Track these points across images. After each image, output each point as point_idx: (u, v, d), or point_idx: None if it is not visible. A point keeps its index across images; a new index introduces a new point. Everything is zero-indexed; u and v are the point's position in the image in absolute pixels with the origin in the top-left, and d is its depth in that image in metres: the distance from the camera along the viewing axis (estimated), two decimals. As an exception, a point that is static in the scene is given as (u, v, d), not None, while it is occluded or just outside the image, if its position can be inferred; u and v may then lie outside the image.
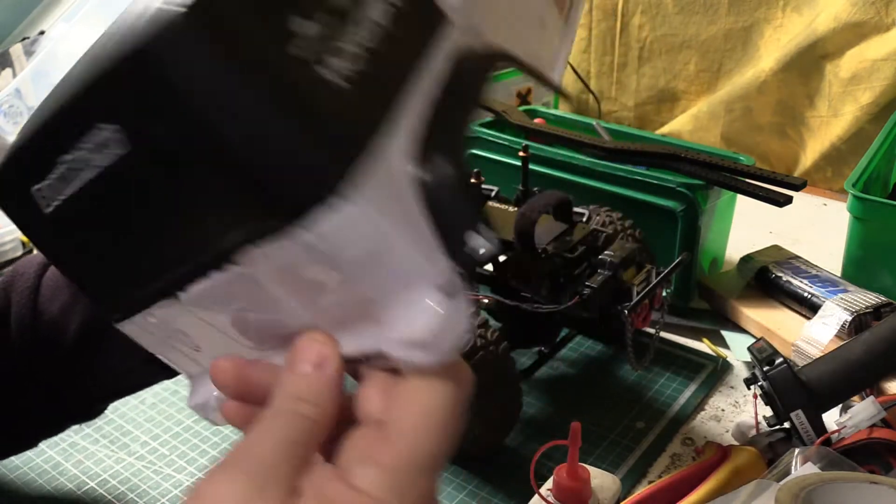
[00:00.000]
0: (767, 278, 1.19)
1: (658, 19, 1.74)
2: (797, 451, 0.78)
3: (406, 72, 0.38)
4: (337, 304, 0.38)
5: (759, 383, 0.88)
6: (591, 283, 0.94)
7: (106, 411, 1.06)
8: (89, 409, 0.83)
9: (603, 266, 0.95)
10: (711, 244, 1.24)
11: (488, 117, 1.41)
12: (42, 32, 1.59)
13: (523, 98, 1.69)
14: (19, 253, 1.45)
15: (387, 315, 0.37)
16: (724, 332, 1.18)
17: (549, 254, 0.96)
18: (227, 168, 0.34)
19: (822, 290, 1.12)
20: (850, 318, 1.04)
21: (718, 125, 1.70)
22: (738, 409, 1.05)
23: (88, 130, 0.35)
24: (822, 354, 0.97)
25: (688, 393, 1.07)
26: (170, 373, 0.55)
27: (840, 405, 0.88)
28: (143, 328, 0.44)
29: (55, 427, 0.83)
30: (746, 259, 1.22)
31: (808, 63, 1.57)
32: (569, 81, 1.86)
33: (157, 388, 1.11)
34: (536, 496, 0.84)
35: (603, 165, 1.22)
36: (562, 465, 0.84)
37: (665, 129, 1.77)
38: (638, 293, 0.93)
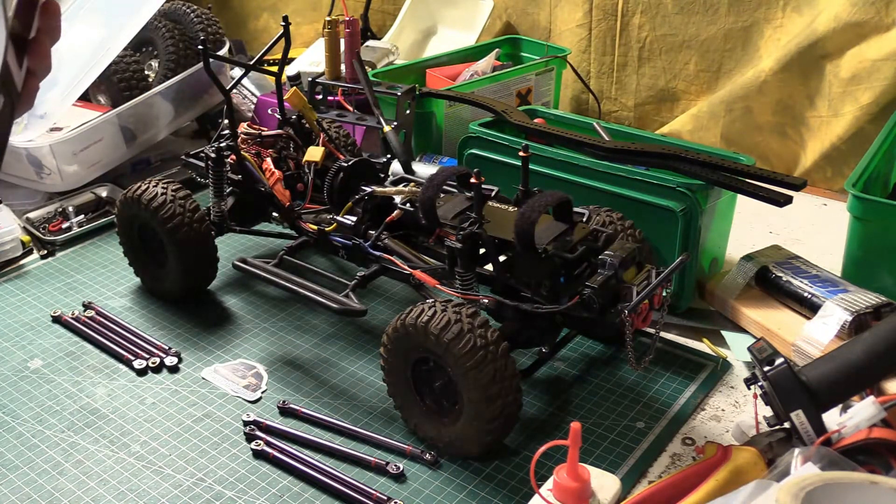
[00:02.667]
0: (767, 278, 1.19)
1: (658, 19, 1.74)
2: (797, 451, 0.78)
3: None
4: None
5: (759, 383, 0.88)
6: (591, 283, 0.94)
7: (106, 411, 1.06)
8: None
9: (603, 266, 0.95)
10: (711, 244, 1.24)
11: (488, 117, 1.41)
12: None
13: (523, 98, 1.69)
14: (19, 253, 1.45)
15: None
16: (724, 332, 1.18)
17: (549, 254, 0.96)
18: None
19: (822, 290, 1.12)
20: (850, 318, 1.04)
21: (718, 125, 1.70)
22: (738, 409, 1.05)
23: None
24: (822, 354, 0.97)
25: (688, 393, 1.07)
26: None
27: (840, 405, 0.88)
28: None
29: None
30: (746, 259, 1.22)
31: (808, 63, 1.57)
32: (569, 81, 1.87)
33: (156, 388, 1.11)
34: (536, 496, 0.84)
35: (603, 165, 1.22)
36: (562, 465, 0.84)
37: (665, 129, 1.77)
38: (638, 293, 0.93)
